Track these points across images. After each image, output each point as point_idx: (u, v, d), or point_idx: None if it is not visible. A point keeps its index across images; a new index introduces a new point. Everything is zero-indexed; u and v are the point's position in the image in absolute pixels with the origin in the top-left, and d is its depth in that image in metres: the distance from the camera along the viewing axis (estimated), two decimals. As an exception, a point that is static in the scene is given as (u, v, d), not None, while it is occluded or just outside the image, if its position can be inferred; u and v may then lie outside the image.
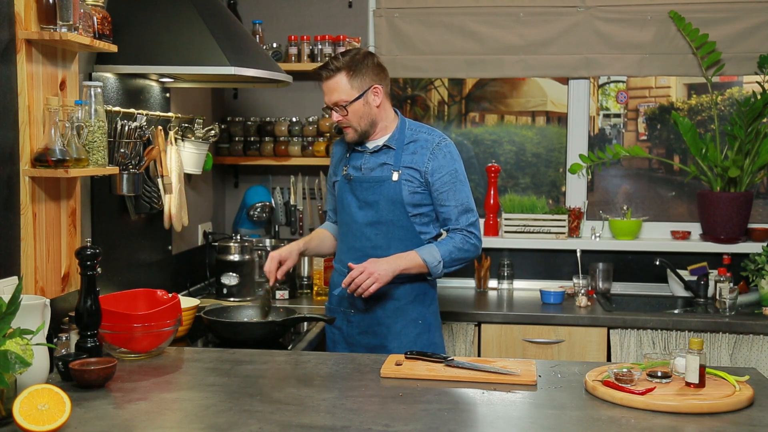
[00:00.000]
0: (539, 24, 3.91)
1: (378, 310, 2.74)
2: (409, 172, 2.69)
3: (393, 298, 2.74)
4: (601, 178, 4.11)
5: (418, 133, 2.75)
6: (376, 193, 2.71)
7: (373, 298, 2.69)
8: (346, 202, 2.77)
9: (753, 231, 3.84)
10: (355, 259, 2.71)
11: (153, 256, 3.23)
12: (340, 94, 2.66)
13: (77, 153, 2.29)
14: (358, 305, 2.76)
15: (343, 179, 2.79)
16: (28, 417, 1.64)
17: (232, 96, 4.13)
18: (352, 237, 2.77)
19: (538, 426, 1.80)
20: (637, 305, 3.74)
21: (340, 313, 2.82)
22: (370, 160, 2.75)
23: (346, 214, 2.78)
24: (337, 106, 2.68)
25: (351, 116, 2.68)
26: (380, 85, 2.70)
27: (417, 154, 2.71)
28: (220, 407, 1.88)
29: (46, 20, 2.24)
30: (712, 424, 1.79)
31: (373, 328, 2.75)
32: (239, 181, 4.16)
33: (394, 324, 2.74)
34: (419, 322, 2.76)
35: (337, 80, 2.66)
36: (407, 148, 2.72)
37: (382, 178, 2.70)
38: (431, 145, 2.71)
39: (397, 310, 2.74)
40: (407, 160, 2.71)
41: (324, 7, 4.03)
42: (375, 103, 2.70)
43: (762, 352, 3.23)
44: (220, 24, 2.89)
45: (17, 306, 1.80)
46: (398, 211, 2.70)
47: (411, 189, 2.69)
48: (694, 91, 4.03)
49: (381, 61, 2.76)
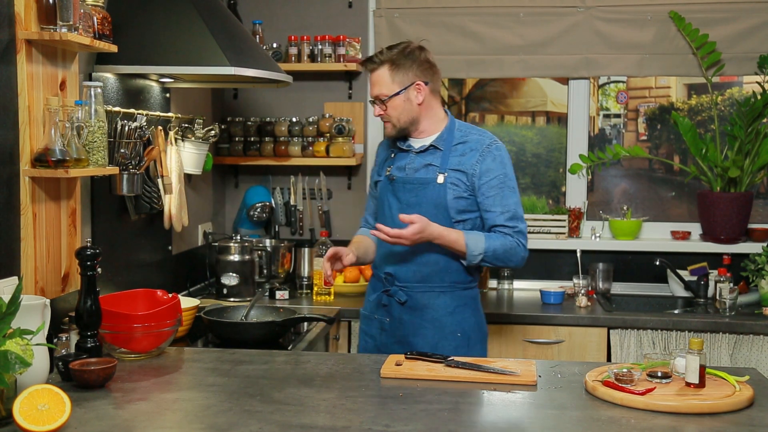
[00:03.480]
0: (539, 24, 3.91)
1: (415, 319, 2.63)
2: (456, 175, 2.59)
3: (431, 308, 2.63)
4: (601, 178, 4.11)
5: (468, 134, 2.65)
6: (419, 195, 2.61)
7: (410, 306, 2.63)
8: (387, 204, 2.68)
9: (753, 231, 3.84)
10: (394, 264, 2.64)
11: (153, 256, 3.23)
12: (381, 88, 2.59)
13: (77, 153, 2.29)
14: (395, 313, 2.67)
15: (386, 180, 2.69)
16: (28, 417, 1.64)
17: (232, 96, 4.13)
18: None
19: (538, 426, 1.80)
20: (637, 305, 3.74)
21: (374, 321, 2.72)
22: (416, 160, 2.65)
23: (386, 216, 2.67)
24: (378, 99, 2.61)
25: (390, 111, 2.60)
26: (424, 81, 2.60)
27: (465, 156, 2.60)
28: (220, 407, 1.88)
29: (46, 20, 2.24)
30: (712, 424, 1.79)
31: (408, 339, 2.63)
32: (239, 181, 4.16)
33: (431, 336, 2.61)
34: (458, 335, 2.63)
35: (379, 73, 2.59)
36: (455, 149, 2.62)
37: (427, 180, 2.61)
38: (481, 146, 2.60)
39: (434, 321, 2.62)
40: (454, 162, 2.60)
41: (324, 7, 4.03)
42: (417, 100, 2.60)
43: (762, 352, 3.23)
44: (220, 24, 2.89)
45: (17, 306, 1.80)
46: (441, 215, 2.58)
47: (456, 193, 2.59)
48: (694, 91, 4.03)
49: (431, 58, 2.65)
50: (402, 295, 2.65)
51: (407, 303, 2.64)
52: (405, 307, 2.64)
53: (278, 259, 3.71)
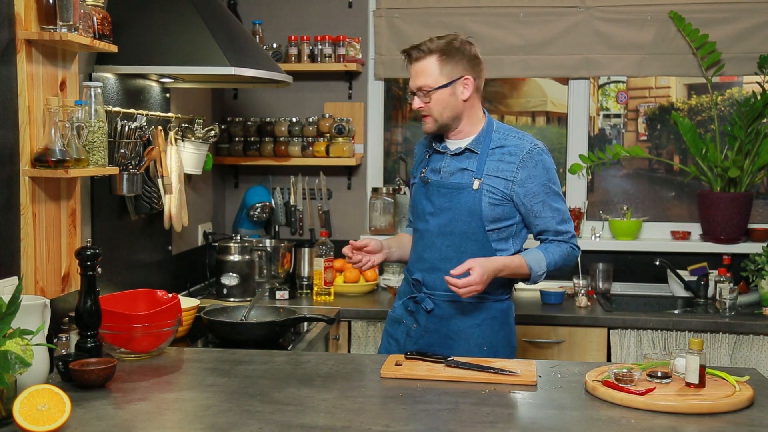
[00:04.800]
0: (539, 24, 3.92)
1: (441, 329, 2.55)
2: (492, 182, 2.47)
3: (458, 318, 2.54)
4: (601, 178, 4.11)
5: (506, 137, 2.52)
6: (453, 200, 2.50)
7: (437, 315, 2.55)
8: (421, 208, 2.58)
9: (753, 231, 3.84)
10: (422, 270, 2.56)
11: (153, 256, 3.24)
12: (426, 79, 2.46)
13: (77, 153, 2.29)
14: (421, 321, 2.58)
15: (420, 182, 2.60)
16: (28, 417, 1.64)
17: (232, 96, 4.13)
18: (422, 246, 2.58)
19: (538, 426, 1.80)
20: (637, 305, 3.74)
21: (402, 325, 2.63)
22: (451, 163, 2.53)
23: (420, 220, 2.59)
24: (420, 90, 2.47)
25: (433, 104, 2.47)
26: (473, 77, 2.48)
27: (503, 162, 2.48)
28: (220, 407, 1.88)
29: (46, 20, 2.24)
30: (712, 424, 1.79)
31: (433, 348, 2.51)
32: (239, 182, 4.16)
33: (456, 347, 2.52)
34: (484, 349, 2.53)
35: (426, 63, 2.46)
36: (493, 153, 2.49)
37: (462, 185, 2.49)
38: (521, 152, 2.48)
39: (460, 333, 2.53)
40: (492, 167, 2.48)
41: (324, 7, 4.03)
42: (463, 96, 2.48)
43: (762, 352, 3.23)
44: (220, 24, 2.89)
45: (17, 306, 1.80)
46: (474, 222, 2.48)
47: (491, 200, 2.47)
48: (694, 91, 4.03)
49: (479, 54, 2.53)
50: (429, 303, 2.56)
51: (434, 312, 2.56)
52: (431, 316, 2.56)
53: (278, 259, 3.71)
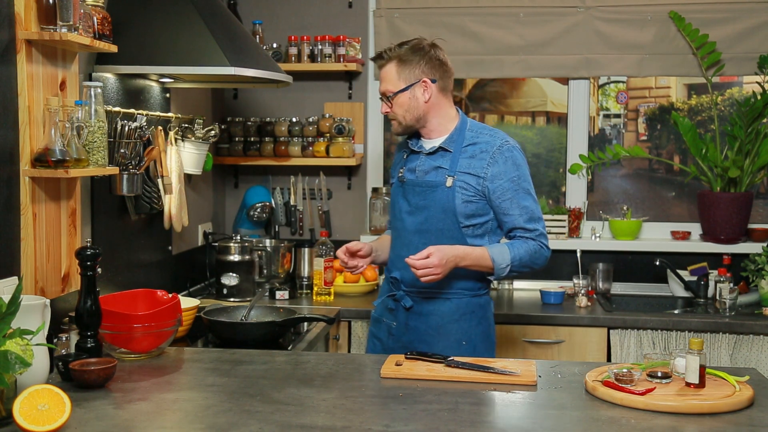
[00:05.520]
0: (539, 24, 3.91)
1: (420, 326, 2.60)
2: (465, 178, 2.52)
3: (436, 314, 2.59)
4: (601, 178, 4.11)
5: (479, 135, 2.57)
6: (427, 198, 2.55)
7: (415, 312, 2.60)
8: (398, 207, 2.64)
9: (753, 231, 3.84)
10: (400, 268, 2.59)
11: (153, 256, 3.23)
12: (387, 84, 2.56)
13: (77, 153, 2.29)
14: (401, 318, 2.63)
15: (398, 182, 2.66)
16: (28, 417, 1.64)
17: (232, 96, 4.13)
18: (400, 245, 2.63)
19: (538, 426, 1.80)
20: (637, 305, 3.74)
21: (383, 324, 2.69)
22: (426, 162, 2.59)
23: (397, 219, 2.65)
24: (384, 95, 2.58)
25: (395, 108, 2.56)
26: (431, 79, 2.54)
27: (475, 159, 2.53)
28: (220, 407, 1.88)
29: (46, 20, 2.24)
30: (712, 424, 1.79)
31: (413, 345, 2.57)
32: (239, 182, 4.16)
33: (436, 343, 2.56)
34: (463, 344, 2.58)
35: (387, 69, 2.56)
36: (465, 151, 2.54)
37: (435, 183, 2.55)
38: (492, 148, 2.52)
39: (439, 329, 2.58)
40: (464, 164, 2.53)
41: (324, 7, 4.03)
42: (423, 98, 2.54)
43: (762, 352, 3.23)
44: (220, 24, 2.89)
45: (17, 306, 1.80)
46: (449, 219, 2.53)
47: (465, 197, 2.51)
48: (694, 91, 4.03)
49: (443, 56, 2.59)
50: (407, 301, 2.61)
51: (412, 309, 2.61)
52: (411, 313, 2.61)
53: (278, 259, 3.71)
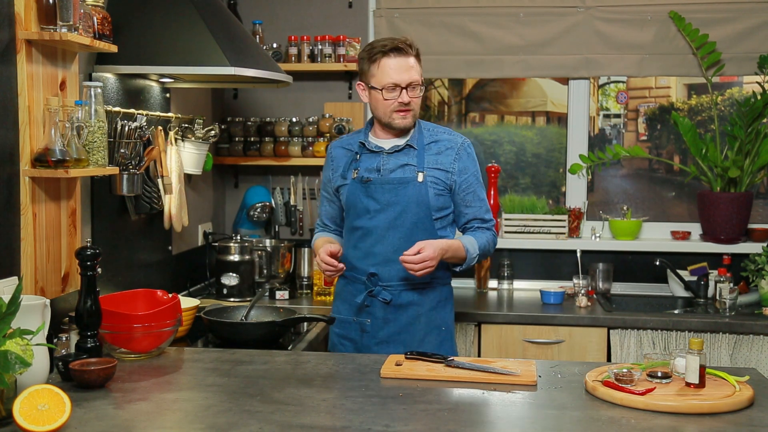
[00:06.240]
0: (539, 24, 3.92)
1: (400, 317, 2.64)
2: (435, 173, 2.62)
3: (416, 304, 2.64)
4: (601, 178, 4.11)
5: (437, 133, 2.69)
6: (398, 195, 2.61)
7: (395, 305, 2.63)
8: (362, 206, 2.65)
9: (753, 231, 3.84)
10: (375, 264, 2.63)
11: (153, 256, 3.23)
12: (415, 74, 2.59)
13: (77, 153, 2.29)
14: (378, 314, 2.65)
15: (356, 182, 2.65)
16: (28, 417, 1.64)
17: (232, 96, 4.13)
18: (370, 242, 2.64)
19: (538, 426, 1.80)
20: (637, 305, 3.74)
21: (353, 324, 2.70)
22: (390, 161, 2.64)
23: (361, 218, 2.65)
24: (410, 85, 2.58)
25: (418, 99, 2.61)
26: None
27: (442, 155, 2.64)
28: (220, 407, 1.88)
29: (46, 20, 2.24)
30: (712, 424, 1.79)
31: (393, 337, 2.63)
32: (239, 182, 4.16)
33: (417, 332, 2.63)
34: (442, 329, 2.68)
35: (413, 61, 2.60)
36: (429, 148, 2.65)
37: (406, 179, 2.61)
38: (456, 145, 2.66)
39: (419, 318, 2.64)
40: (431, 161, 2.63)
41: (324, 7, 4.03)
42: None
43: (762, 352, 3.23)
44: (220, 24, 2.89)
45: (17, 306, 1.80)
46: (423, 213, 2.61)
47: (436, 191, 2.62)
48: (694, 91, 4.03)
49: None
50: (387, 295, 2.63)
51: (392, 302, 2.64)
52: (389, 307, 2.64)
53: (278, 259, 3.71)
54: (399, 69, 2.57)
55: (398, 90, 2.58)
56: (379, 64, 2.58)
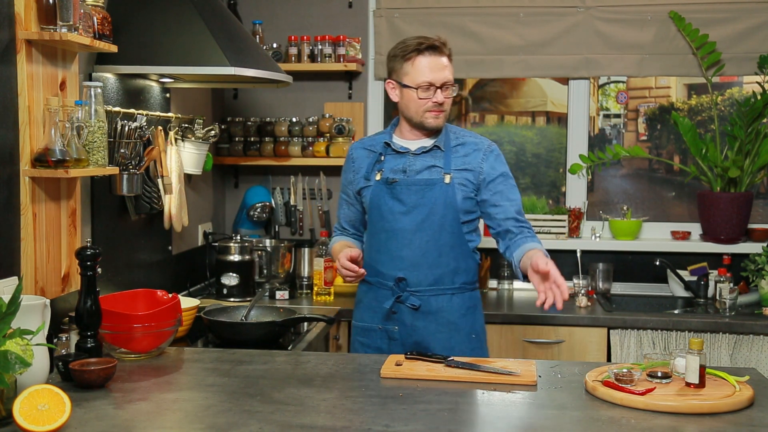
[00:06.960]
0: (539, 24, 3.92)
1: (429, 324, 2.57)
2: (463, 175, 2.56)
3: (445, 310, 2.57)
4: (601, 178, 4.11)
5: (462, 136, 2.63)
6: (425, 196, 2.54)
7: (423, 311, 2.56)
8: (387, 208, 2.57)
9: (753, 231, 3.84)
10: (402, 269, 2.56)
11: (153, 256, 3.23)
12: (450, 74, 2.55)
13: (77, 153, 2.29)
14: (407, 320, 2.57)
15: (381, 183, 2.58)
16: (28, 417, 1.64)
17: (232, 96, 4.13)
18: (396, 245, 2.57)
19: (538, 426, 1.80)
20: (637, 305, 3.74)
21: (379, 332, 2.62)
22: (416, 162, 2.58)
23: (386, 220, 2.58)
24: (446, 85, 2.54)
25: (450, 100, 2.58)
26: None
27: (469, 156, 2.58)
28: (220, 407, 1.88)
29: (46, 20, 2.24)
30: (712, 424, 1.79)
31: (423, 346, 2.54)
32: (239, 182, 4.16)
33: (448, 340, 2.55)
34: (472, 337, 2.60)
35: (447, 60, 2.56)
36: (456, 150, 2.59)
37: (432, 180, 2.55)
38: (483, 147, 2.60)
39: (449, 325, 2.57)
40: (459, 162, 2.57)
41: (324, 7, 4.03)
42: None
43: (762, 352, 3.23)
44: (220, 24, 2.89)
45: (17, 306, 1.80)
46: (450, 215, 2.54)
47: (464, 194, 2.55)
48: (694, 91, 4.03)
49: None
50: (415, 301, 2.56)
51: (420, 308, 2.57)
52: (418, 313, 2.56)
53: (278, 259, 3.71)
54: (434, 68, 2.52)
55: (432, 89, 2.52)
56: (414, 62, 2.53)
